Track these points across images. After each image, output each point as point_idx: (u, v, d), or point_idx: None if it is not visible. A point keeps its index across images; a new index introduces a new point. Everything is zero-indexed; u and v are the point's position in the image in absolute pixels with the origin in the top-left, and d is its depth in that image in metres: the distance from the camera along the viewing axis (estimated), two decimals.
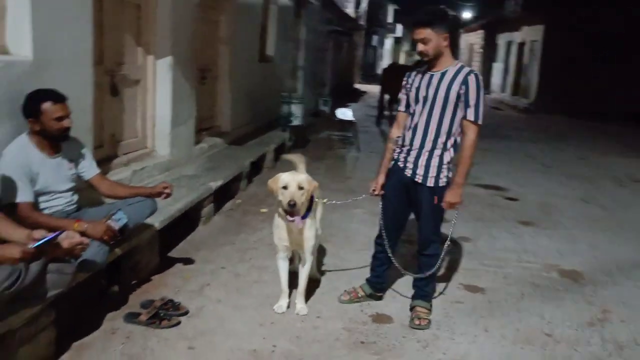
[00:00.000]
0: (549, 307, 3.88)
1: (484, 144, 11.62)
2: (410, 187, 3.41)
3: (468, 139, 3.28)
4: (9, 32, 3.31)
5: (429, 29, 3.14)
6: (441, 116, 3.27)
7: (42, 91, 3.08)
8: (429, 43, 3.17)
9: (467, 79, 3.19)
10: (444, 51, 3.22)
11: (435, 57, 3.23)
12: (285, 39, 11.00)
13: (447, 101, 3.23)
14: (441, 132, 3.29)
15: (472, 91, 3.19)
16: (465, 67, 3.26)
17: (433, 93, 3.26)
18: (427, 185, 3.34)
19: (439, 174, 3.32)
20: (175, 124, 5.71)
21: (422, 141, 3.33)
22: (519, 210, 6.48)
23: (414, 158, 3.36)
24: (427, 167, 3.33)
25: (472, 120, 3.23)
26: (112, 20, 4.75)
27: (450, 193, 3.31)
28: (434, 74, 3.28)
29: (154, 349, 2.99)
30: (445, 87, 3.22)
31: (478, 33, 30.10)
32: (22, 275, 2.32)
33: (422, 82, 3.32)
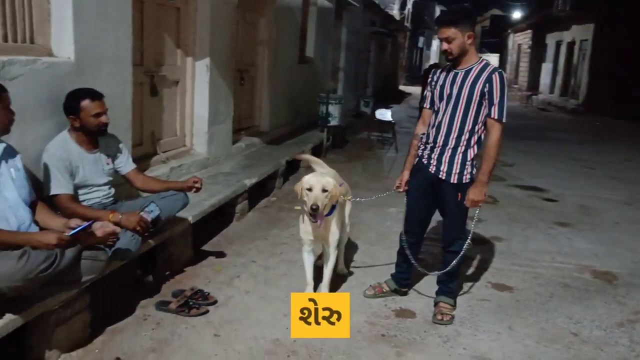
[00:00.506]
0: (579, 307, 3.83)
1: (525, 145, 11.54)
2: (434, 183, 3.44)
3: (492, 137, 3.28)
4: (53, 35, 3.53)
5: (453, 28, 3.17)
6: (465, 114, 3.29)
7: (81, 90, 3.29)
8: (453, 42, 3.19)
9: (492, 77, 3.20)
10: (468, 49, 3.24)
11: (459, 55, 3.25)
12: (326, 41, 11.11)
13: (471, 99, 3.25)
14: (465, 130, 3.31)
15: (496, 89, 3.20)
16: (490, 65, 3.27)
17: (457, 91, 3.29)
18: (450, 182, 3.36)
19: (462, 170, 3.34)
20: (213, 123, 5.89)
21: (445, 138, 3.36)
22: (556, 212, 6.36)
23: (437, 155, 3.39)
24: (450, 164, 3.35)
25: (496, 118, 3.24)
26: (152, 23, 4.96)
27: (473, 190, 3.33)
28: (459, 72, 3.30)
29: (181, 335, 3.13)
30: (470, 85, 3.24)
31: (526, 33, 29.48)
32: (57, 259, 2.49)
33: (447, 80, 3.35)
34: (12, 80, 3.06)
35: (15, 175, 2.73)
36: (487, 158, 3.29)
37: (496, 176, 8.19)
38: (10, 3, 3.27)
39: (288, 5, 8.28)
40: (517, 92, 27.67)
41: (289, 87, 8.72)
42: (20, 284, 2.40)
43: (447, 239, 3.58)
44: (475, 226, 3.54)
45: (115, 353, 2.86)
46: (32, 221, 2.75)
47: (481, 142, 3.36)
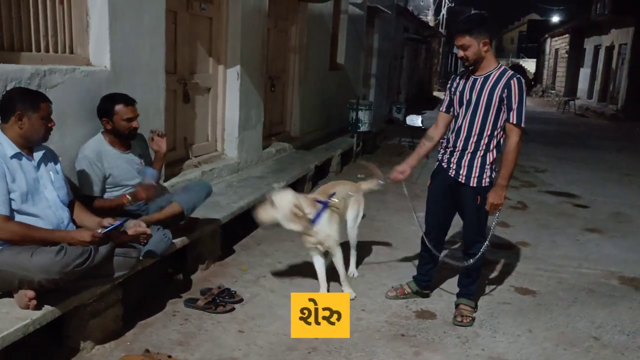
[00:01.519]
0: (602, 312, 3.82)
1: (561, 152, 11.39)
2: (454, 187, 3.50)
3: (511, 142, 3.34)
4: (91, 45, 3.75)
5: (468, 36, 3.24)
6: (484, 119, 3.35)
7: (116, 94, 3.49)
8: (468, 49, 3.27)
9: (510, 83, 3.26)
10: (484, 56, 3.31)
11: (476, 62, 3.32)
12: (357, 48, 11.22)
13: (490, 104, 3.31)
14: (484, 134, 3.37)
15: (514, 95, 3.26)
16: (509, 71, 3.33)
17: (476, 97, 3.35)
18: (470, 185, 3.42)
19: (482, 174, 3.40)
20: (244, 129, 6.07)
21: (465, 143, 3.42)
22: (587, 218, 6.30)
23: (457, 159, 3.46)
24: (470, 168, 3.42)
25: (514, 123, 3.29)
26: (185, 33, 5.17)
27: (492, 194, 3.38)
28: (477, 78, 3.37)
29: (208, 330, 3.28)
30: (488, 90, 3.31)
31: (564, 38, 28.98)
32: (92, 255, 2.66)
33: (466, 86, 3.42)
34: (53, 87, 3.29)
35: (54, 178, 2.92)
36: (506, 162, 3.35)
37: (527, 182, 8.16)
38: (52, 16, 3.50)
39: (319, 14, 8.44)
40: (555, 98, 27.21)
41: (320, 93, 8.86)
42: (57, 277, 2.57)
43: (466, 241, 3.64)
44: (494, 229, 3.58)
45: (145, 345, 3.02)
46: (69, 220, 2.94)
47: (500, 146, 3.42)
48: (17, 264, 2.56)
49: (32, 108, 2.75)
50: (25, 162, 2.78)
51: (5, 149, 2.71)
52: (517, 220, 6.03)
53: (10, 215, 2.65)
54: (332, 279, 3.84)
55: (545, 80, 34.61)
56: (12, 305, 2.63)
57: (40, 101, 2.81)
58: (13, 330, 2.44)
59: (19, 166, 2.74)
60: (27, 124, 2.74)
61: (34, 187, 2.79)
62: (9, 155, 2.71)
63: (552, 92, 30.14)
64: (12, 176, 2.69)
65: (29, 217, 2.73)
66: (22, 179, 2.73)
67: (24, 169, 2.76)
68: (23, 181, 2.73)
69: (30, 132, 2.77)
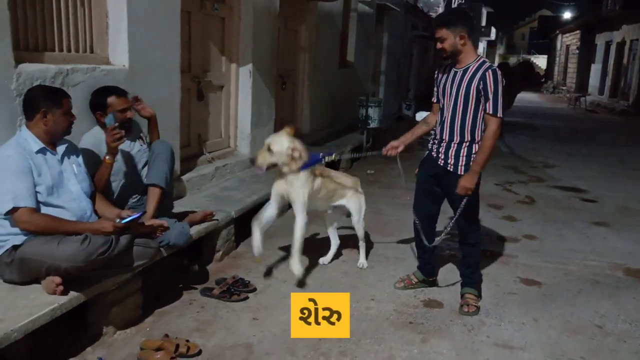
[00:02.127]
0: (607, 302, 3.92)
1: (571, 147, 11.43)
2: (442, 176, 3.62)
3: (488, 130, 3.42)
4: (110, 45, 3.91)
5: (445, 29, 3.37)
6: (464, 110, 3.47)
7: (107, 87, 3.47)
8: (445, 42, 3.40)
9: (485, 75, 3.36)
10: (462, 49, 3.42)
11: (454, 55, 3.45)
12: (367, 45, 11.34)
13: (469, 96, 3.43)
14: (467, 125, 3.48)
15: (490, 86, 3.36)
16: (486, 63, 3.42)
17: (456, 89, 3.48)
18: (457, 173, 3.54)
19: (468, 162, 3.51)
20: (256, 126, 6.21)
21: (450, 134, 3.55)
22: (594, 212, 6.37)
23: (444, 149, 3.59)
24: (457, 157, 3.54)
25: (490, 113, 3.40)
26: (199, 32, 5.32)
27: (464, 177, 3.47)
28: (458, 71, 3.49)
29: (223, 317, 3.42)
30: (466, 82, 3.43)
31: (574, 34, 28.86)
32: (113, 245, 2.82)
33: (448, 78, 3.55)
34: (75, 86, 3.45)
35: (77, 171, 3.08)
36: (482, 149, 3.44)
37: (535, 177, 8.24)
38: (73, 18, 3.65)
39: (328, 13, 8.56)
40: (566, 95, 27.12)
41: (330, 91, 8.99)
42: (82, 265, 2.72)
43: (460, 231, 3.75)
44: (457, 215, 3.61)
45: (164, 331, 3.17)
46: (92, 211, 3.09)
47: None
48: (45, 253, 2.72)
49: (56, 105, 2.89)
50: (49, 156, 2.93)
51: (30, 145, 2.86)
52: (525, 214, 6.12)
53: (36, 208, 2.80)
54: (328, 273, 3.95)
55: (556, 76, 34.48)
56: (39, 291, 2.78)
57: (62, 97, 2.95)
58: (42, 314, 2.59)
59: (44, 161, 2.89)
60: (51, 121, 2.89)
61: (59, 180, 2.94)
62: (34, 150, 2.86)
63: (563, 88, 30.03)
64: (38, 170, 2.84)
65: (55, 208, 2.88)
66: (47, 173, 2.88)
67: (49, 163, 2.91)
68: (48, 175, 2.88)
69: (55, 127, 2.92)
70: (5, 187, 2.72)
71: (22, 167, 2.75)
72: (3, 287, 2.83)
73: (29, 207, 2.76)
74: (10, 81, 3.00)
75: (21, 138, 2.86)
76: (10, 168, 2.74)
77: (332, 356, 3.04)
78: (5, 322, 2.47)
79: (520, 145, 11.42)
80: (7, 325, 2.45)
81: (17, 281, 2.83)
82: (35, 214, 2.79)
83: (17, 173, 2.73)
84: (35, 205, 2.79)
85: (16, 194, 2.71)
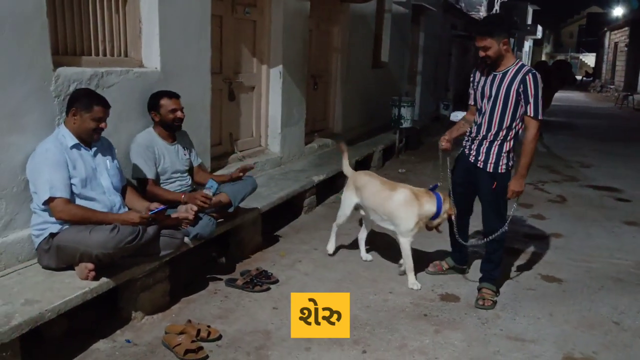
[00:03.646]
0: (626, 299, 3.91)
1: (611, 147, 11.18)
2: (472, 172, 3.75)
3: (529, 134, 3.53)
4: (143, 48, 4.15)
5: (489, 38, 3.47)
6: (503, 111, 3.57)
7: (161, 91, 3.92)
8: (489, 50, 3.49)
9: (525, 78, 3.47)
10: (504, 54, 3.54)
11: (497, 60, 3.54)
12: (402, 45, 11.38)
13: (508, 98, 3.54)
14: (503, 125, 3.59)
15: (530, 89, 3.47)
16: (525, 67, 3.54)
17: (495, 91, 3.58)
18: (487, 170, 3.66)
19: (498, 160, 3.64)
20: (286, 125, 6.39)
21: (486, 133, 3.67)
22: (627, 211, 6.28)
23: (476, 146, 3.73)
24: (487, 154, 3.67)
25: (531, 116, 3.50)
26: (230, 35, 5.54)
27: (512, 182, 3.61)
28: (497, 74, 3.59)
29: (245, 306, 3.60)
30: (506, 85, 3.53)
31: (623, 31, 27.96)
32: (140, 234, 3.03)
33: (487, 81, 3.64)
34: (109, 87, 3.69)
35: (109, 166, 3.31)
36: (525, 153, 3.55)
37: (570, 177, 8.14)
38: (109, 24, 3.91)
39: (361, 14, 8.67)
40: (614, 93, 26.32)
41: (363, 91, 9.10)
42: (112, 251, 2.94)
43: (486, 226, 3.83)
44: (512, 213, 3.74)
45: (189, 317, 3.37)
46: (121, 204, 3.32)
47: (518, 137, 3.63)
48: (79, 240, 2.95)
49: (86, 108, 3.10)
50: (84, 152, 3.17)
51: (67, 140, 3.11)
52: (554, 212, 6.10)
53: (70, 199, 3.04)
54: None
55: (604, 74, 33.48)
56: (73, 276, 3.02)
57: (95, 104, 3.13)
58: (74, 297, 2.83)
59: (78, 155, 3.13)
60: (79, 121, 3.11)
61: (92, 174, 3.18)
62: (69, 145, 3.10)
63: (611, 87, 29.13)
64: (73, 164, 3.08)
65: (87, 200, 3.12)
66: (81, 167, 3.12)
67: (83, 157, 3.15)
68: (82, 169, 3.12)
69: (81, 128, 3.12)
70: (44, 178, 2.97)
71: (58, 160, 3.00)
72: (41, 272, 3.09)
73: (64, 197, 2.99)
74: (49, 83, 3.25)
75: (59, 134, 3.12)
76: (49, 161, 2.98)
77: (346, 344, 3.17)
78: (41, 303, 2.72)
79: (559, 144, 11.24)
80: (42, 305, 2.69)
81: (53, 267, 3.08)
82: (70, 205, 3.03)
83: (54, 165, 2.98)
84: (69, 196, 3.03)
85: (53, 184, 2.96)
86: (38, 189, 2.99)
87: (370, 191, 4.18)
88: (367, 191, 4.20)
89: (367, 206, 4.23)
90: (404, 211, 3.93)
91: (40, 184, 2.98)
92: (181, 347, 2.97)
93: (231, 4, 5.50)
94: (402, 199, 3.96)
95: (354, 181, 4.37)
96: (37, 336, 2.86)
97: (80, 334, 3.11)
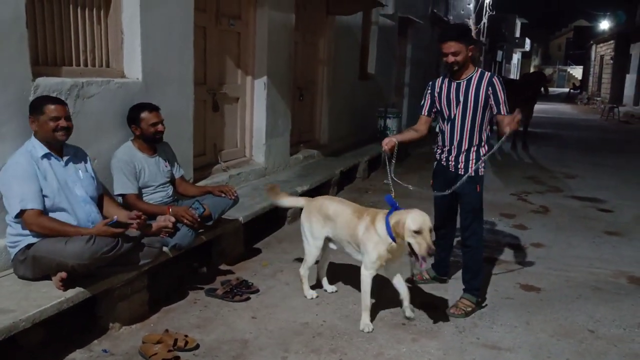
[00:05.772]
0: (603, 308, 3.95)
1: (597, 158, 11.29)
2: (454, 181, 3.78)
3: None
4: (125, 59, 4.18)
5: (459, 42, 3.55)
6: (474, 116, 3.70)
7: (141, 104, 3.91)
8: (459, 55, 3.57)
9: (493, 81, 3.64)
10: (469, 61, 3.65)
11: (462, 66, 3.64)
12: (389, 57, 11.49)
13: (478, 102, 3.66)
14: (475, 130, 3.72)
15: (499, 91, 3.64)
16: (487, 72, 3.69)
17: (464, 97, 3.68)
18: (468, 174, 3.73)
19: (477, 163, 3.75)
20: (271, 136, 6.44)
21: (460, 141, 3.76)
22: (609, 221, 6.35)
23: (454, 157, 3.80)
24: (467, 161, 3.78)
25: (504, 114, 3.68)
26: (215, 46, 5.58)
27: (507, 117, 3.64)
28: (461, 82, 3.70)
29: (224, 315, 3.61)
30: (474, 91, 3.65)
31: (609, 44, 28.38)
32: (119, 245, 3.03)
33: (451, 90, 3.74)
34: (89, 98, 3.72)
35: (83, 176, 3.30)
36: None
37: (554, 187, 8.21)
38: (90, 34, 3.94)
39: (348, 26, 8.76)
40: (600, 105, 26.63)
41: (349, 102, 9.17)
42: (87, 262, 2.93)
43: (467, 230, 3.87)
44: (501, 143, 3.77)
45: (167, 327, 3.37)
46: (97, 214, 3.32)
47: (488, 138, 3.80)
48: (54, 251, 2.95)
49: (39, 111, 3.08)
50: (54, 161, 3.16)
51: (37, 151, 3.11)
52: (536, 223, 6.15)
53: (43, 210, 3.03)
54: None
55: (590, 87, 33.88)
56: (50, 286, 3.02)
57: (45, 104, 3.09)
58: (49, 306, 2.83)
59: (49, 165, 3.13)
60: (38, 126, 3.09)
61: (65, 184, 3.17)
62: (40, 155, 3.10)
63: (598, 99, 29.49)
64: (44, 175, 3.08)
65: (61, 212, 3.12)
66: (52, 178, 3.11)
67: (54, 168, 3.15)
68: (54, 180, 3.11)
69: (43, 133, 3.09)
70: (14, 191, 2.97)
71: (28, 173, 3.00)
72: (18, 282, 3.09)
73: (36, 209, 2.99)
74: (28, 93, 3.27)
75: (30, 145, 3.12)
76: (18, 174, 2.99)
77: (323, 352, 3.19)
78: (15, 312, 2.72)
79: (545, 156, 11.35)
80: (17, 314, 2.69)
81: (30, 277, 3.08)
82: (42, 217, 3.02)
83: (24, 178, 2.99)
84: (41, 208, 3.02)
85: (24, 197, 2.96)
86: (9, 202, 3.00)
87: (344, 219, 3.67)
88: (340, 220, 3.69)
89: (340, 238, 3.74)
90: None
91: (11, 197, 2.99)
92: (158, 357, 2.98)
93: (215, 16, 5.56)
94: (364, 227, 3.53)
95: (318, 209, 3.81)
96: (13, 345, 2.85)
97: (57, 343, 3.10)
